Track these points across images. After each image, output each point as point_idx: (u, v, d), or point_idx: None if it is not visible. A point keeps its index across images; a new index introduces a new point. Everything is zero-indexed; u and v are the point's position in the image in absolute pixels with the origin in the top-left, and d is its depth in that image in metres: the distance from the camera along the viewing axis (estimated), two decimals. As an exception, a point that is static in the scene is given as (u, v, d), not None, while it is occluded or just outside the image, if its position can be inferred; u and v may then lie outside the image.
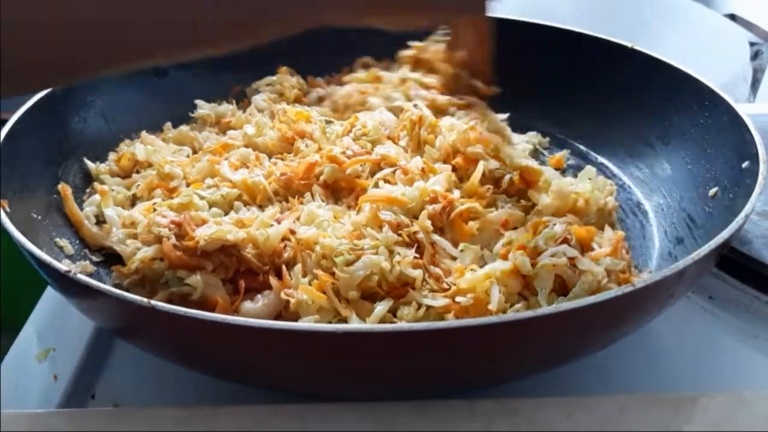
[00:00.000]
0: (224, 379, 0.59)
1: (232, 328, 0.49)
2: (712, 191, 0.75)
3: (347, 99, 0.94)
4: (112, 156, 0.87)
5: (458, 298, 0.61)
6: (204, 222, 0.68)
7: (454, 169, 0.77)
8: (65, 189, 0.76)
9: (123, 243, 0.70)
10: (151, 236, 0.67)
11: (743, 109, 0.76)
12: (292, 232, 0.68)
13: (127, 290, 0.64)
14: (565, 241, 0.66)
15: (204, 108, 0.96)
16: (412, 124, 0.82)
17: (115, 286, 0.66)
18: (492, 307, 0.60)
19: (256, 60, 1.04)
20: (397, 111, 0.88)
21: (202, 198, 0.73)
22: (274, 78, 1.01)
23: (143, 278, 0.67)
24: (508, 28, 1.05)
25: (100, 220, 0.78)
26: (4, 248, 0.77)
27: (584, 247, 0.68)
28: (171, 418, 0.54)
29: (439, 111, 0.88)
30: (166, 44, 0.57)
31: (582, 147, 0.97)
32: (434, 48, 0.94)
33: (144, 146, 0.86)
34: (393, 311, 0.63)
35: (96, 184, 0.82)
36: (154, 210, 0.71)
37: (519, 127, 0.95)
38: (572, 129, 0.99)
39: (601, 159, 0.95)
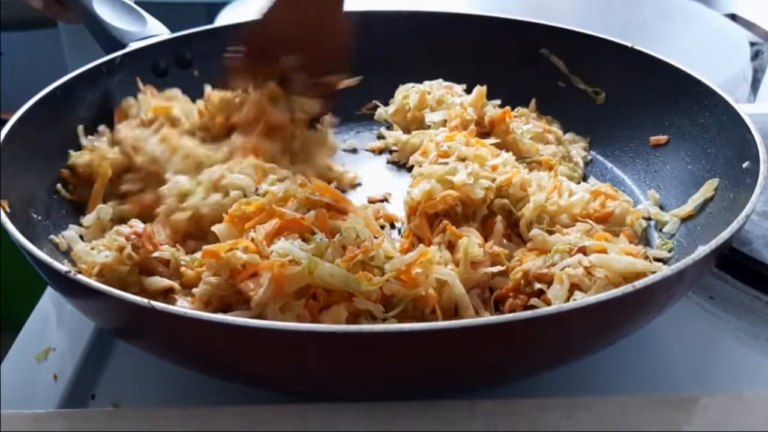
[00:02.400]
0: (224, 379, 0.59)
1: (231, 328, 0.49)
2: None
3: None
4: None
5: None
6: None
7: None
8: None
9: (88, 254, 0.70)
10: (114, 244, 0.69)
11: (743, 109, 0.76)
12: None
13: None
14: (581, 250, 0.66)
15: None
16: None
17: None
18: None
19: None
20: None
21: None
22: None
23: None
24: (506, 28, 1.05)
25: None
26: (4, 248, 0.77)
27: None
28: (171, 418, 0.54)
29: None
30: None
31: (581, 147, 0.97)
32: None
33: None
34: None
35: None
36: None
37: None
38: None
39: (599, 158, 0.95)
